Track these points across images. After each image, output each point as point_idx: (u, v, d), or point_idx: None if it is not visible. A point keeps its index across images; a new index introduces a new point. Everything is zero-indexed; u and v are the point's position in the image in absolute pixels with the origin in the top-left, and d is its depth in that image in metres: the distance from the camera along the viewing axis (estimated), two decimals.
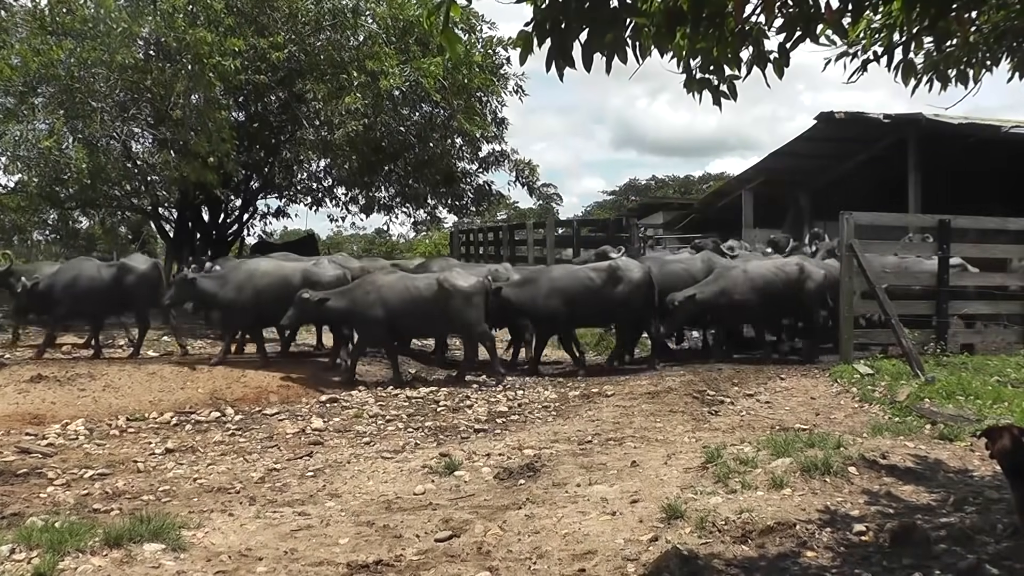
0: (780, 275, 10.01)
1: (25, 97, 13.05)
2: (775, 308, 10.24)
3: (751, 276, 10.04)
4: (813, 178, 19.08)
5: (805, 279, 9.94)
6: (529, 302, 9.86)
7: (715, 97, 3.56)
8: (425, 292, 8.94)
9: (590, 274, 9.97)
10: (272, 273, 9.87)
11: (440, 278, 9.07)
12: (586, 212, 47.44)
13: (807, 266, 10.15)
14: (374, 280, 9.23)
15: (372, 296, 8.91)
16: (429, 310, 8.94)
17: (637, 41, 3.23)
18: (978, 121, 14.54)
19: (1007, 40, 4.22)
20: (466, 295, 8.93)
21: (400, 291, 8.96)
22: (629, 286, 9.82)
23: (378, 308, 8.86)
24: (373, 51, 13.88)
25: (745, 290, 9.96)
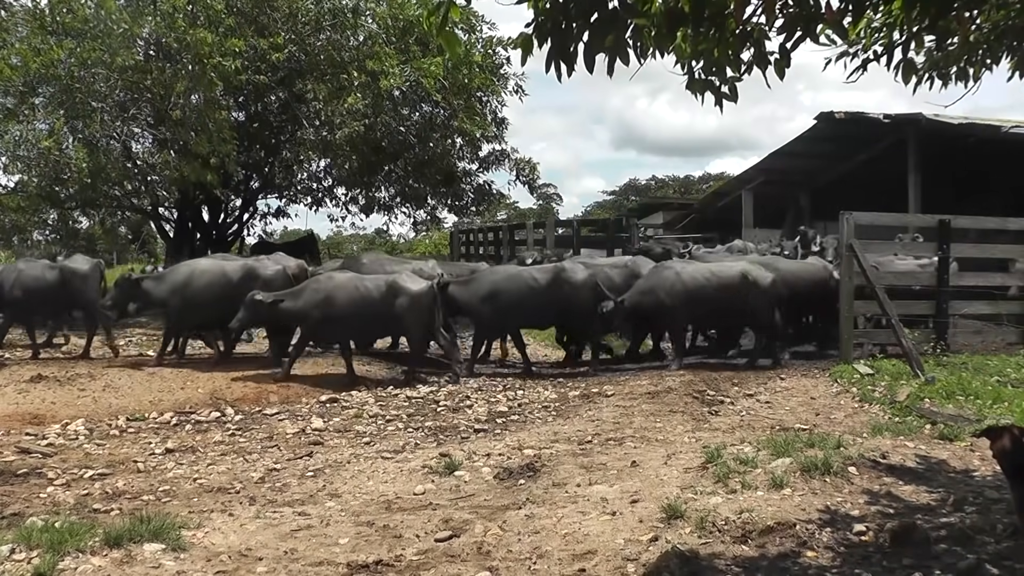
0: (714, 279, 9.81)
1: (25, 97, 13.07)
2: (711, 312, 9.97)
3: (683, 279, 9.83)
4: (813, 178, 19.10)
5: (747, 282, 9.72)
6: (472, 301, 9.93)
7: (717, 98, 3.56)
8: (375, 294, 8.93)
9: (534, 275, 10.05)
10: (212, 271, 9.84)
11: (391, 280, 9.08)
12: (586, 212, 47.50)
13: (750, 268, 9.90)
14: (326, 281, 9.24)
15: (323, 297, 8.91)
16: (379, 312, 8.93)
17: (638, 42, 3.23)
18: (978, 121, 14.55)
19: (1007, 39, 4.23)
20: (415, 298, 8.91)
21: (351, 292, 8.96)
22: (572, 289, 9.84)
23: (329, 309, 8.85)
24: (373, 51, 13.90)
25: (675, 294, 9.73)
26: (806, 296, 10.40)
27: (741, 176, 20.11)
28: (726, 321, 10.48)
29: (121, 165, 13.76)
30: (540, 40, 3.13)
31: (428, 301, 9.01)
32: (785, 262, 10.85)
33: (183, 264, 10.55)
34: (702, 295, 9.69)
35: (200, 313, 9.68)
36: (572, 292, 9.79)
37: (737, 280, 9.75)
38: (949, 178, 16.05)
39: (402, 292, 8.92)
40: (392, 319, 9.06)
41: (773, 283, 9.80)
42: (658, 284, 9.83)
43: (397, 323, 9.18)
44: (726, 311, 9.89)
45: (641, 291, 9.84)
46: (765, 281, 9.77)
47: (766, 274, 9.87)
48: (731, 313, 9.96)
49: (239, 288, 9.37)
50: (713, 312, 9.91)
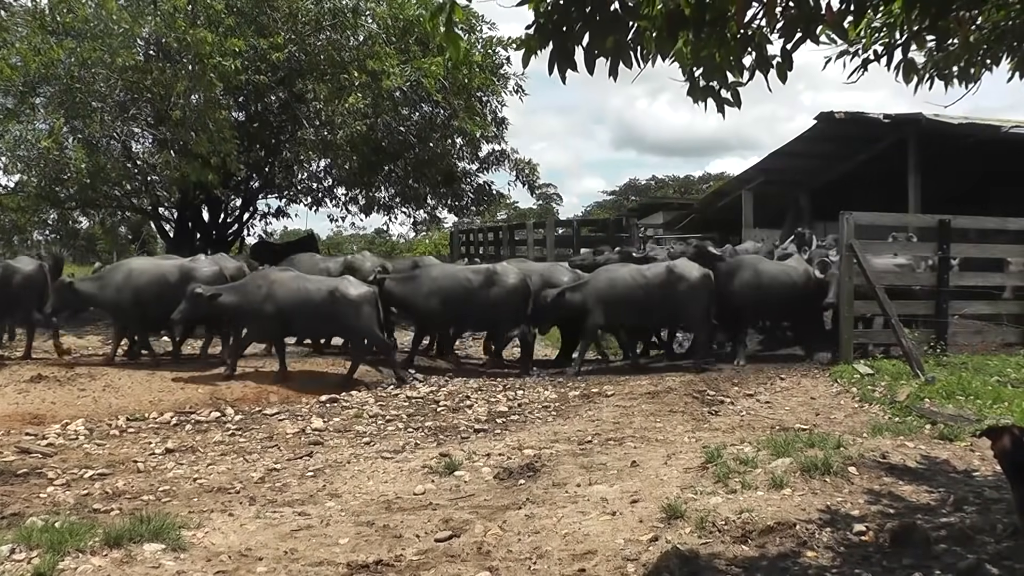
0: (642, 280, 9.77)
1: (25, 97, 13.07)
2: (642, 312, 9.94)
3: (615, 281, 9.82)
4: (813, 178, 19.07)
5: (676, 282, 9.65)
6: (409, 298, 10.02)
7: (719, 105, 3.54)
8: (315, 294, 8.94)
9: (469, 275, 10.16)
10: (149, 271, 9.83)
11: (333, 283, 9.08)
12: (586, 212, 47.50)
13: (678, 269, 9.81)
14: (266, 277, 9.24)
15: (263, 293, 8.90)
16: (319, 312, 8.93)
17: (639, 45, 3.23)
18: (978, 121, 14.53)
19: (1007, 39, 4.23)
20: (355, 303, 8.91)
21: (292, 291, 8.97)
22: (505, 290, 9.92)
23: (268, 305, 8.84)
24: (374, 51, 13.90)
25: (609, 295, 9.71)
26: (786, 297, 10.24)
27: (741, 176, 20.08)
28: (654, 319, 10.46)
29: (121, 165, 13.76)
30: (542, 42, 3.13)
31: (369, 306, 9.01)
32: (766, 263, 10.73)
33: (120, 264, 10.54)
34: (630, 295, 9.70)
35: (137, 313, 9.65)
36: (503, 293, 9.90)
37: (664, 277, 9.72)
38: (949, 178, 16.04)
39: (343, 295, 8.91)
40: (332, 320, 9.04)
41: (704, 278, 9.70)
42: (596, 285, 9.84)
43: (336, 324, 9.16)
44: (654, 309, 9.86)
45: (582, 290, 9.85)
46: (693, 277, 9.70)
47: (694, 270, 9.80)
48: (659, 311, 9.94)
49: (176, 288, 9.35)
50: (640, 311, 9.87)
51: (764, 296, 10.12)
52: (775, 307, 10.43)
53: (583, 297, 9.74)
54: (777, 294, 10.15)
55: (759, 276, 10.17)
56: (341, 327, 9.23)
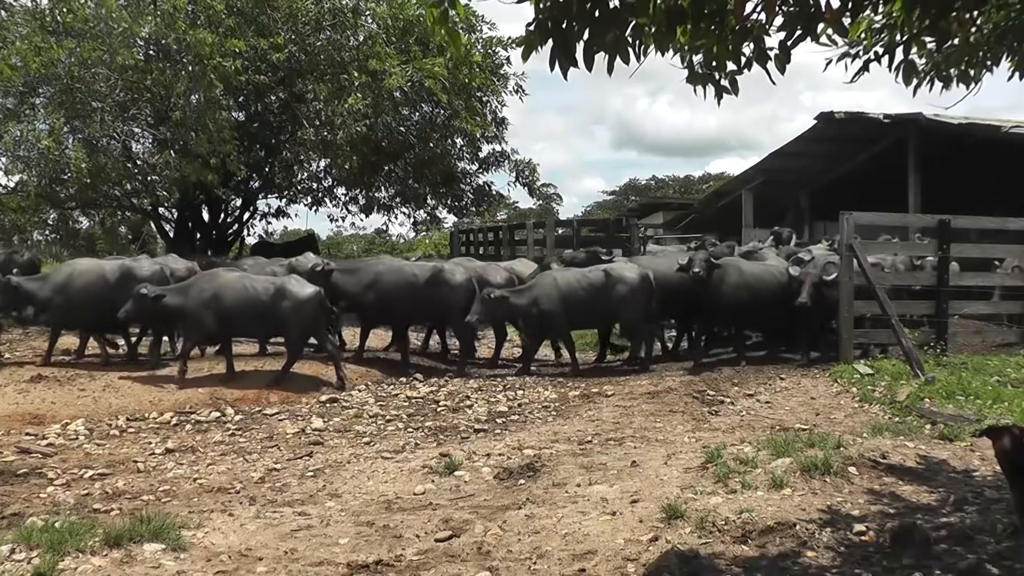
0: (585, 283, 9.76)
1: (25, 97, 13.07)
2: (584, 315, 9.94)
3: (558, 284, 9.79)
4: (813, 178, 19.08)
5: (614, 285, 9.66)
6: (353, 292, 10.09)
7: (717, 92, 3.57)
8: (261, 295, 8.91)
9: (415, 271, 10.23)
10: (91, 272, 9.79)
11: (279, 283, 9.07)
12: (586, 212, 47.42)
13: (615, 272, 9.81)
14: (211, 278, 9.22)
15: (208, 294, 8.90)
16: (263, 312, 8.90)
17: (638, 40, 3.23)
18: (978, 121, 14.54)
19: (1008, 40, 4.22)
20: (301, 302, 8.88)
21: (237, 291, 8.95)
22: (450, 288, 9.99)
23: (212, 306, 8.83)
24: (375, 51, 13.91)
25: (553, 298, 9.67)
26: (765, 298, 10.07)
27: (741, 176, 20.08)
28: (596, 322, 10.49)
29: (121, 165, 13.76)
30: (542, 39, 3.14)
31: (314, 306, 8.98)
32: (746, 264, 10.62)
33: (63, 265, 10.51)
34: (573, 298, 9.69)
35: (79, 313, 9.61)
36: (449, 292, 9.96)
37: (603, 280, 9.72)
38: (949, 178, 16.04)
39: (289, 296, 8.89)
40: (277, 321, 8.99)
41: (643, 281, 9.69)
42: (540, 289, 9.81)
43: (281, 325, 9.11)
44: (596, 312, 9.88)
45: (527, 293, 9.83)
46: (631, 280, 9.70)
47: (632, 273, 9.79)
48: (600, 314, 9.96)
49: (117, 289, 9.31)
50: (583, 314, 9.88)
51: (750, 297, 9.97)
52: (760, 308, 10.19)
53: (527, 299, 9.74)
54: (761, 295, 10.00)
55: (743, 277, 10.04)
56: (286, 327, 9.15)
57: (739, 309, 10.00)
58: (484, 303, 9.59)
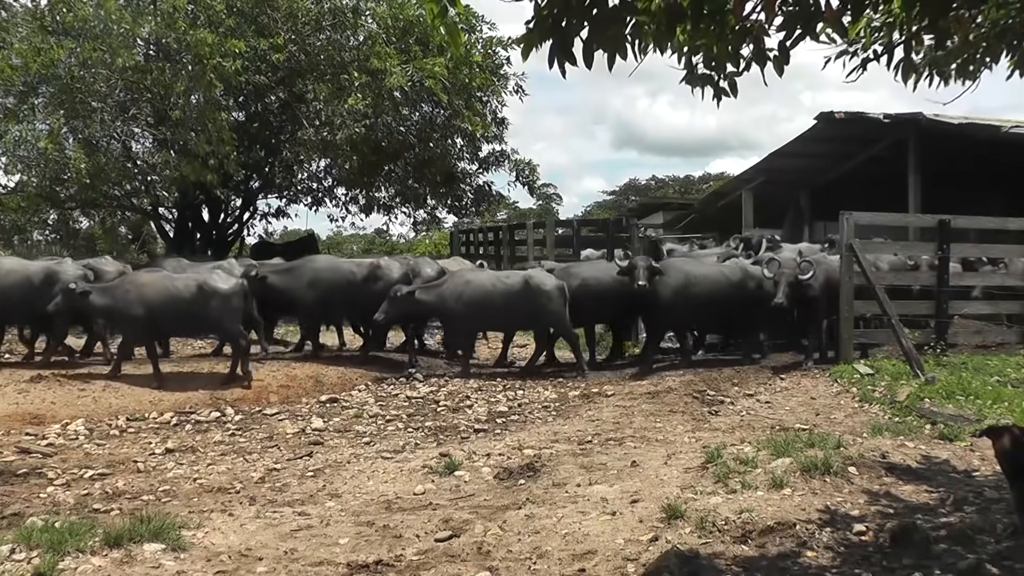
0: (501, 286, 9.76)
1: (25, 97, 13.07)
2: (493, 318, 9.95)
3: (470, 284, 9.77)
4: (813, 178, 19.07)
5: (532, 291, 9.63)
6: (291, 290, 10.09)
7: (716, 93, 3.57)
8: (184, 292, 8.92)
9: (352, 269, 10.28)
10: (17, 272, 9.73)
11: (200, 279, 9.08)
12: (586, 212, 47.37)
13: (535, 279, 9.77)
14: (135, 278, 9.23)
15: (132, 294, 8.88)
16: (188, 310, 8.90)
17: (637, 39, 3.23)
18: (978, 121, 14.53)
19: (1007, 38, 4.22)
20: (224, 297, 8.88)
21: (160, 290, 8.96)
22: (387, 284, 10.00)
23: (137, 306, 8.82)
24: (375, 51, 13.90)
25: (462, 298, 9.65)
26: (722, 300, 9.97)
27: (741, 176, 20.06)
28: (510, 325, 10.54)
29: (121, 165, 13.76)
30: (541, 37, 3.14)
31: (238, 300, 8.99)
32: (703, 266, 10.51)
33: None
34: (485, 300, 9.67)
35: (4, 312, 9.60)
36: (386, 288, 9.91)
37: (520, 285, 9.71)
38: (949, 178, 16.04)
39: (212, 291, 8.90)
40: (201, 318, 9.00)
41: (558, 288, 9.69)
42: (449, 288, 9.79)
43: (206, 322, 9.13)
44: (510, 316, 9.91)
45: (435, 290, 9.80)
46: (548, 287, 9.68)
47: (550, 280, 9.77)
48: (515, 318, 9.99)
49: (40, 291, 9.28)
50: (497, 317, 9.91)
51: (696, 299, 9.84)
52: (707, 308, 10.05)
53: (435, 298, 9.69)
54: (708, 295, 9.87)
55: (688, 278, 9.90)
56: (209, 323, 9.15)
57: (683, 311, 9.86)
58: (391, 301, 9.54)
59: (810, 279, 9.35)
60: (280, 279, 10.28)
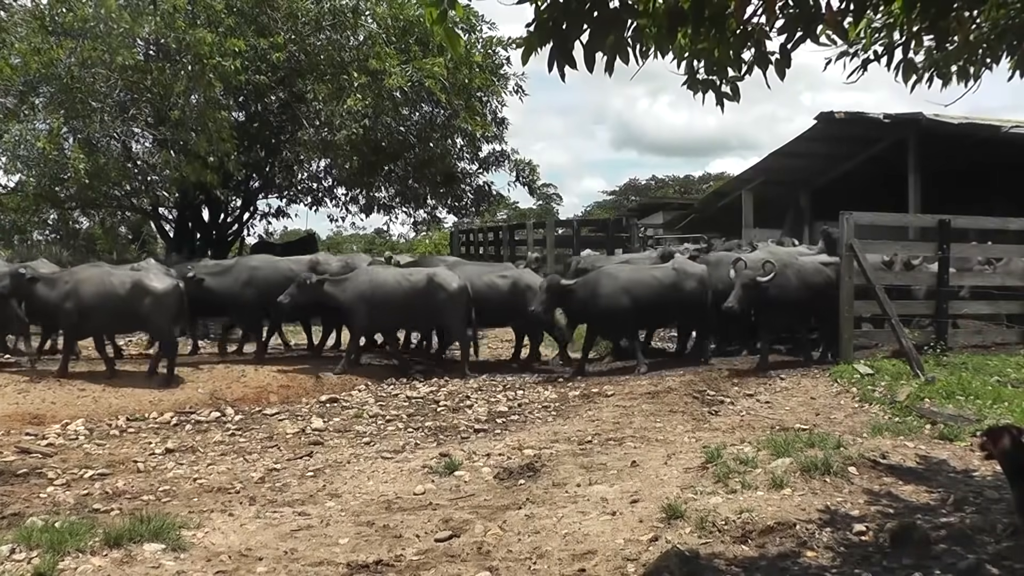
0: (406, 284, 9.76)
1: (25, 97, 13.06)
2: (394, 315, 9.90)
3: (375, 281, 9.76)
4: (813, 178, 19.08)
5: (435, 290, 9.68)
6: (227, 291, 10.09)
7: (718, 98, 3.56)
8: (119, 290, 8.90)
9: (291, 266, 10.28)
10: None
11: (136, 278, 9.07)
12: (586, 212, 47.38)
13: (438, 277, 9.82)
14: (73, 274, 9.21)
15: (69, 289, 8.87)
16: (123, 308, 8.89)
17: (638, 42, 3.23)
18: (978, 121, 14.54)
19: (1007, 39, 4.22)
20: (157, 296, 8.86)
21: (96, 286, 8.93)
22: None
23: (72, 301, 8.81)
24: (375, 51, 13.89)
25: (364, 294, 9.64)
26: (662, 302, 9.97)
27: (741, 176, 20.08)
28: (413, 324, 10.60)
29: (121, 165, 13.73)
30: (541, 40, 3.14)
31: (173, 299, 8.98)
32: (625, 269, 10.45)
33: None
34: (389, 298, 9.66)
35: None
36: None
37: (424, 284, 9.72)
38: (949, 178, 16.04)
39: (147, 290, 8.88)
40: (136, 316, 8.98)
41: (462, 289, 9.74)
42: (355, 284, 9.77)
43: (140, 320, 9.12)
44: (413, 315, 9.93)
45: (341, 285, 9.78)
46: (452, 287, 9.73)
47: (454, 281, 9.80)
48: (418, 317, 10.02)
49: None
50: (399, 315, 9.90)
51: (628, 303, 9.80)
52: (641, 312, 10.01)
53: (341, 290, 9.67)
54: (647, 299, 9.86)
55: (618, 283, 9.88)
56: (145, 321, 9.13)
57: (617, 315, 9.85)
58: (299, 286, 9.54)
59: (770, 281, 9.21)
60: (217, 280, 10.19)
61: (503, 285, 10.49)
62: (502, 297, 10.39)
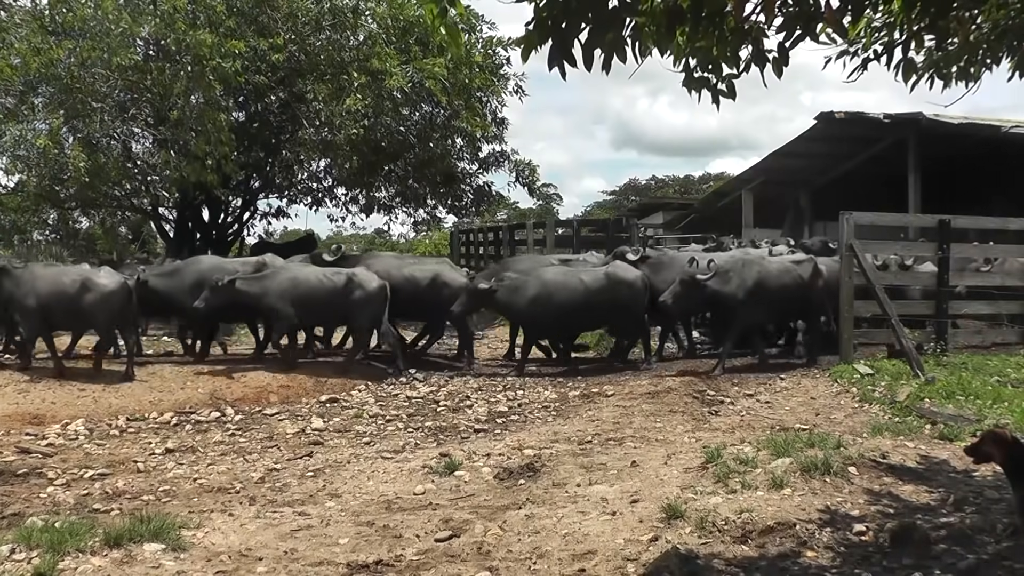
0: (327, 283, 9.72)
1: (25, 97, 13.06)
2: (313, 313, 9.86)
3: (294, 279, 9.71)
4: (813, 178, 19.10)
5: (352, 290, 9.64)
6: (175, 293, 10.01)
7: (714, 96, 3.56)
8: (70, 287, 8.89)
9: (237, 268, 10.22)
10: None
11: (85, 276, 9.05)
12: (586, 212, 47.36)
13: (357, 277, 9.79)
14: (30, 271, 9.20)
15: (26, 287, 8.87)
16: (73, 306, 8.87)
17: (637, 40, 3.23)
18: (978, 121, 14.55)
19: (1007, 39, 4.22)
20: (104, 294, 8.85)
21: (49, 283, 8.93)
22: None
23: (30, 299, 8.80)
24: (375, 51, 13.89)
25: (281, 294, 9.56)
26: (588, 306, 9.93)
27: (741, 176, 20.10)
28: (332, 321, 10.60)
29: (121, 165, 13.73)
30: (541, 38, 3.14)
31: (120, 298, 8.96)
32: (551, 272, 10.44)
33: None
34: (309, 296, 9.62)
35: None
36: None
37: (343, 283, 9.70)
38: (949, 178, 16.05)
39: (94, 287, 8.87)
40: (82, 314, 8.95)
41: (380, 288, 9.74)
42: (273, 282, 9.71)
43: (86, 318, 9.07)
44: (331, 312, 9.93)
45: (258, 283, 9.70)
46: (371, 287, 9.73)
47: (373, 280, 9.80)
48: (336, 314, 10.03)
49: None
50: (318, 313, 9.87)
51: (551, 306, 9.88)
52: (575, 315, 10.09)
53: (256, 289, 9.58)
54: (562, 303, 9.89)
55: (545, 287, 9.95)
56: (91, 320, 9.10)
57: (537, 318, 9.97)
58: (211, 289, 9.43)
59: (709, 279, 9.24)
60: (163, 282, 10.12)
61: (422, 279, 10.59)
62: (419, 292, 10.50)
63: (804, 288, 9.65)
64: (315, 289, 9.70)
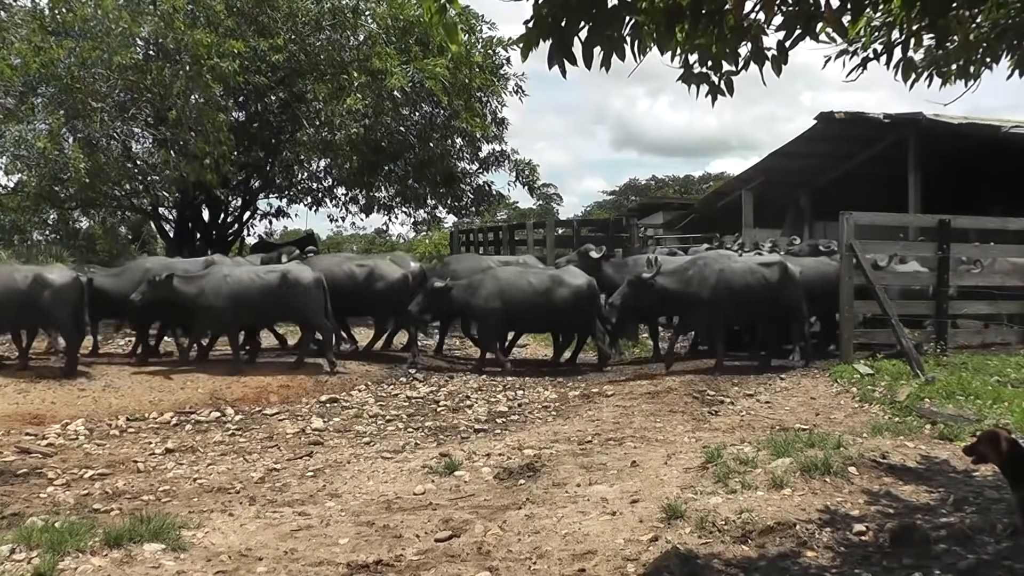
0: (259, 282, 9.68)
1: (25, 97, 13.07)
2: (251, 312, 9.81)
3: (228, 280, 9.66)
4: (813, 178, 19.08)
5: (290, 288, 9.61)
6: (120, 293, 9.99)
7: (712, 92, 3.56)
8: (21, 284, 8.88)
9: (187, 268, 10.29)
10: None
11: (36, 273, 9.06)
12: (586, 212, 47.29)
13: (292, 272, 9.79)
14: None
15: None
16: (23, 303, 8.86)
17: (636, 39, 3.23)
18: (978, 121, 14.55)
19: (1007, 38, 4.22)
20: (56, 291, 8.85)
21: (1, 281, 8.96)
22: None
23: None
24: (375, 51, 13.90)
25: (218, 293, 9.52)
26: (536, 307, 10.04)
27: (741, 176, 20.09)
28: (268, 320, 10.65)
29: (121, 165, 13.74)
30: (540, 36, 3.14)
31: (73, 293, 8.96)
32: (504, 272, 10.52)
33: None
34: (244, 295, 9.59)
35: None
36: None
37: (278, 280, 9.67)
38: (949, 178, 16.04)
39: (47, 284, 8.87)
40: (35, 310, 8.94)
41: (317, 283, 9.73)
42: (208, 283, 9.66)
43: (40, 315, 9.08)
44: (268, 311, 9.93)
45: (194, 284, 9.67)
46: (306, 281, 9.71)
47: (308, 275, 9.80)
48: (273, 313, 10.10)
49: None
50: (254, 311, 9.82)
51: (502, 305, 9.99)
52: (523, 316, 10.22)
53: (193, 288, 9.55)
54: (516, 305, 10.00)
55: (499, 285, 10.06)
56: (45, 317, 9.11)
57: (488, 318, 10.09)
58: (150, 284, 9.43)
59: (652, 278, 9.25)
60: (110, 282, 10.13)
61: (360, 275, 10.70)
62: (359, 287, 10.61)
63: (771, 290, 9.52)
64: (248, 287, 9.67)
